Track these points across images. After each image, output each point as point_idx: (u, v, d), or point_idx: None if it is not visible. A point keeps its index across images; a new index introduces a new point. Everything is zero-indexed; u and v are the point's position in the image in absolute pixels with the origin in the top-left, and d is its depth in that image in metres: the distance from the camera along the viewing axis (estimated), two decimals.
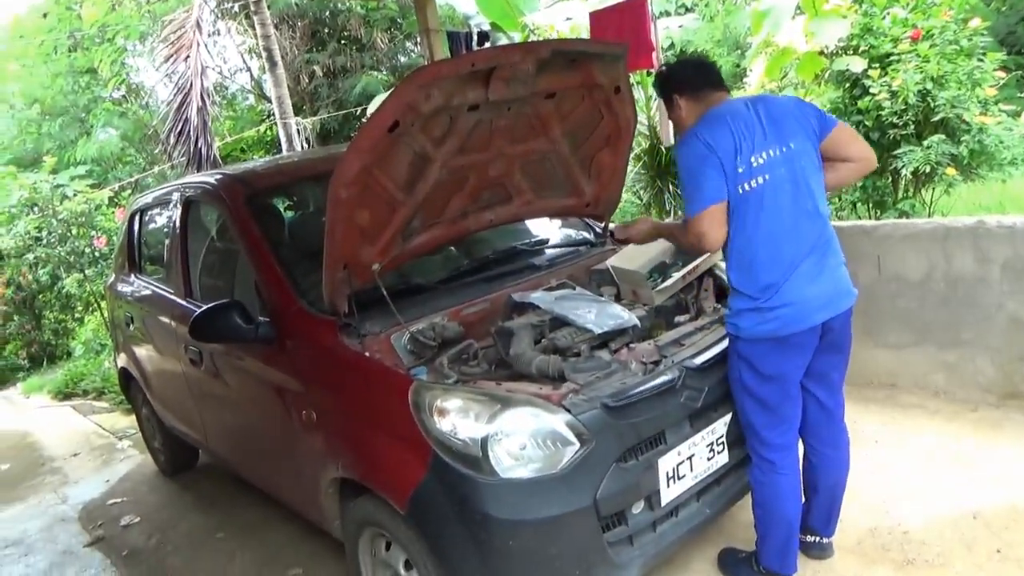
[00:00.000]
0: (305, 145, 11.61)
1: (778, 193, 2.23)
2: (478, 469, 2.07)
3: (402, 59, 14.80)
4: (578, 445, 2.12)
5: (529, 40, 7.87)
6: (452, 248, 3.32)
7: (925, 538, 2.72)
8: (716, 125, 2.26)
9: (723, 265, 2.99)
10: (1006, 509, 2.79)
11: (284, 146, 9.90)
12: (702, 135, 2.24)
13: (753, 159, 2.22)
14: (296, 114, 11.67)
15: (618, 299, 2.90)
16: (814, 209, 2.27)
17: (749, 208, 2.23)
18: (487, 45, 6.11)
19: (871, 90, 5.47)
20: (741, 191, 2.22)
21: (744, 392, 2.38)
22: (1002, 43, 13.08)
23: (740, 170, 2.21)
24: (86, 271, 8.82)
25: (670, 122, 2.59)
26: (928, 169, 5.32)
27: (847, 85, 5.81)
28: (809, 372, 2.39)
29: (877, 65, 5.59)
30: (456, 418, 2.14)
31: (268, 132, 14.85)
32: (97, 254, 8.77)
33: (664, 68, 2.53)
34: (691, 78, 2.41)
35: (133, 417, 5.38)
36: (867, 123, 5.58)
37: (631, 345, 2.52)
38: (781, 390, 2.34)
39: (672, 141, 5.18)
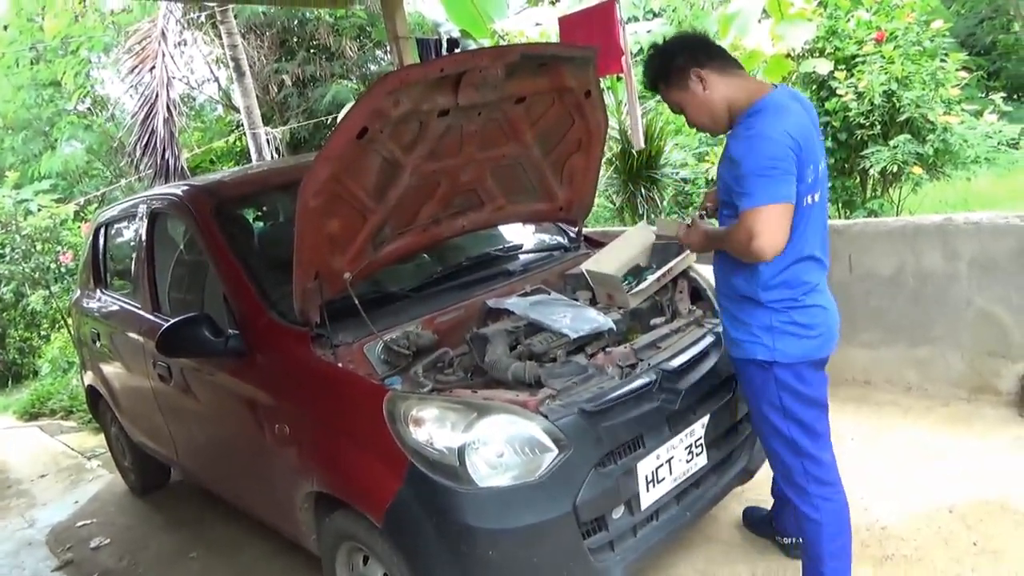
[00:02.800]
0: (275, 155, 11.50)
1: (821, 212, 2.09)
2: (455, 479, 2.04)
3: (372, 67, 14.72)
4: (556, 451, 2.10)
5: (499, 46, 7.88)
6: (425, 255, 3.28)
7: (903, 533, 2.73)
8: (794, 114, 1.97)
9: (699, 268, 3.01)
10: (980, 502, 2.82)
11: (254, 156, 9.79)
12: (788, 130, 1.91)
13: (820, 168, 2.05)
14: (266, 124, 11.56)
15: (593, 303, 2.89)
16: (828, 236, 2.19)
17: (804, 223, 2.02)
18: (457, 51, 6.08)
19: (838, 91, 5.56)
20: (806, 203, 2.00)
21: (788, 421, 2.17)
22: (963, 44, 13.38)
23: (810, 180, 1.99)
24: (52, 287, 8.63)
25: (640, 125, 2.48)
26: (895, 168, 5.42)
27: (814, 87, 5.90)
28: None
29: (843, 67, 5.68)
30: (432, 427, 2.11)
31: (237, 143, 14.68)
32: (63, 270, 8.59)
33: (666, 42, 2.14)
34: (711, 47, 2.09)
35: (102, 436, 5.26)
36: (835, 124, 5.67)
37: (607, 349, 2.51)
38: (820, 409, 2.21)
39: (641, 144, 5.20)
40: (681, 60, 2.07)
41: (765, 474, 2.79)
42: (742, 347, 2.17)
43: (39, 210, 9.15)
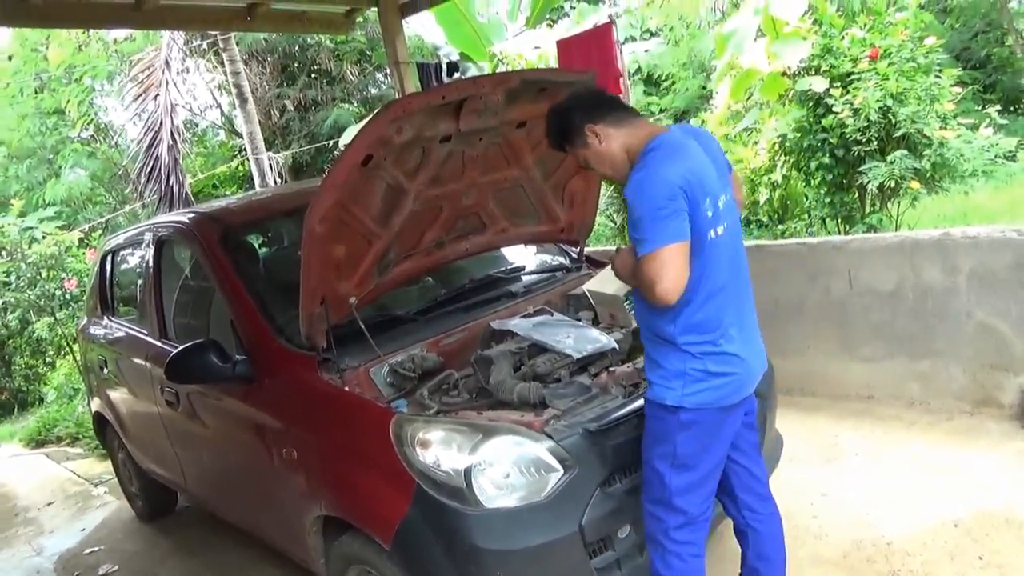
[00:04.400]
0: (278, 179, 11.60)
1: (731, 244, 2.06)
2: (462, 500, 2.06)
3: (373, 90, 14.89)
4: (561, 471, 2.12)
5: (498, 69, 7.98)
6: (429, 278, 3.32)
7: (909, 548, 2.74)
8: (683, 155, 1.98)
9: None
10: (986, 516, 2.83)
11: (257, 181, 9.88)
12: (670, 172, 1.93)
13: (718, 202, 2.01)
14: (268, 148, 11.68)
15: (596, 323, 2.92)
16: (745, 263, 2.16)
17: (707, 264, 1.99)
18: (456, 75, 6.17)
19: (834, 108, 5.61)
20: (710, 237, 1.98)
21: (671, 466, 2.08)
22: (957, 58, 13.49)
23: (710, 214, 1.98)
24: (57, 314, 8.67)
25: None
26: (893, 183, 5.45)
27: (811, 104, 5.95)
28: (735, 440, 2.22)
29: (839, 84, 5.73)
30: (439, 449, 2.13)
31: (240, 168, 14.82)
32: (68, 296, 8.63)
33: (558, 105, 2.19)
34: (601, 102, 2.13)
35: (109, 462, 5.27)
36: (832, 140, 5.72)
37: (610, 369, 2.53)
38: (715, 462, 2.13)
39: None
40: (576, 120, 2.10)
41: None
42: (653, 389, 2.09)
43: (44, 237, 9.22)
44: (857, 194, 6.04)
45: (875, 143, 5.54)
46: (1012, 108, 13.37)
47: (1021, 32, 13.92)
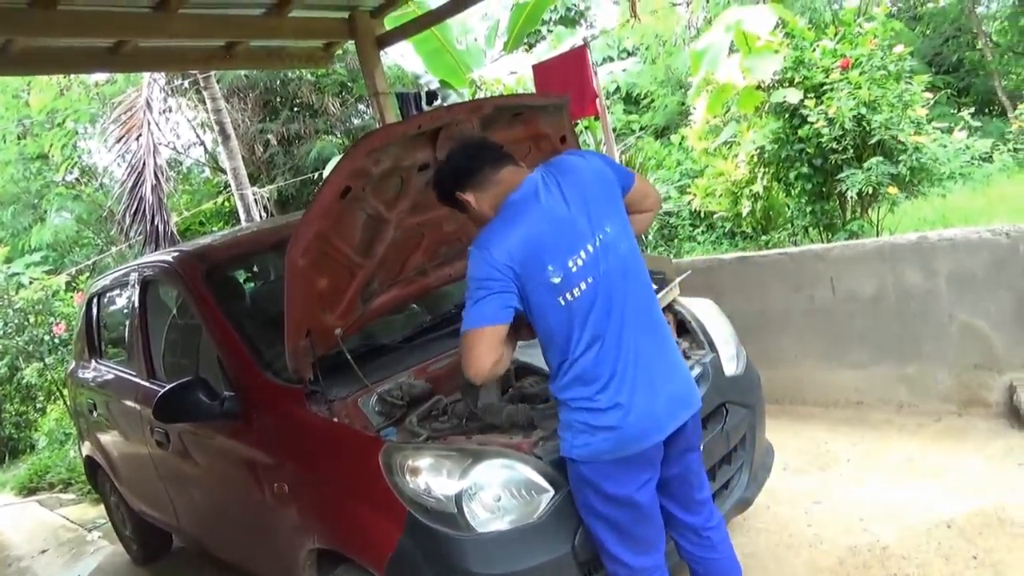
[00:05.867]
0: (264, 214, 11.61)
1: (607, 292, 1.95)
2: (454, 526, 2.06)
3: (356, 121, 14.97)
4: (552, 491, 2.12)
5: (477, 95, 8.06)
6: (415, 305, 3.33)
7: (904, 552, 2.75)
8: (519, 221, 1.94)
9: (685, 301, 3.07)
10: (977, 515, 2.84)
11: (242, 216, 9.88)
12: (496, 250, 1.91)
13: (571, 263, 1.92)
14: (253, 183, 11.70)
15: None
16: (647, 300, 2.07)
17: (575, 319, 1.93)
18: (436, 103, 6.22)
19: (809, 119, 5.70)
20: (564, 302, 1.92)
21: (592, 516, 2.05)
22: (930, 64, 13.72)
23: (556, 281, 1.91)
24: (46, 359, 8.62)
25: (618, 161, 2.48)
26: (871, 190, 5.52)
27: (786, 116, 6.04)
28: (666, 479, 2.13)
29: (812, 95, 5.84)
30: (428, 476, 2.14)
31: (226, 204, 14.82)
32: (57, 341, 8.59)
33: (436, 172, 2.20)
34: (466, 167, 2.10)
35: (102, 507, 5.22)
36: (809, 150, 5.80)
37: None
38: (633, 510, 2.03)
39: None
40: (448, 188, 2.13)
41: (762, 501, 2.82)
42: (558, 442, 2.08)
43: (31, 283, 9.20)
44: (837, 202, 6.13)
45: (851, 151, 5.64)
46: (986, 110, 13.59)
47: (990, 35, 14.20)
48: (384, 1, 5.35)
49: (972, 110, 10.09)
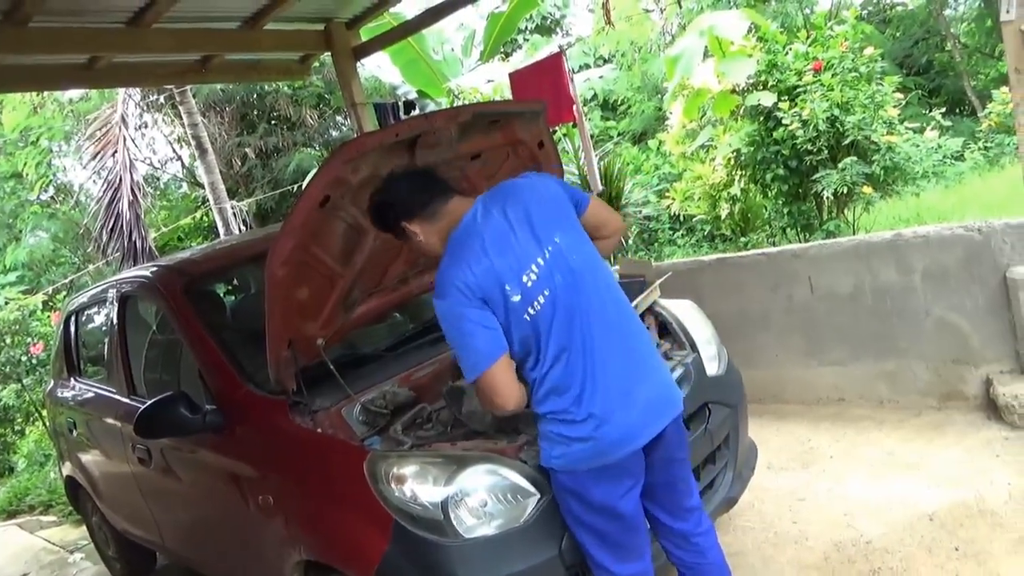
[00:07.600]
0: (243, 227, 11.54)
1: (567, 304, 1.94)
2: (441, 533, 2.06)
3: (334, 133, 14.95)
4: (538, 495, 2.13)
5: (454, 103, 8.09)
6: (396, 314, 3.33)
7: (887, 545, 2.78)
8: (466, 255, 1.94)
9: (665, 303, 3.09)
10: (958, 507, 2.88)
11: (221, 230, 9.84)
12: (455, 279, 1.92)
13: (525, 278, 1.92)
14: (232, 197, 11.64)
15: None
16: (613, 304, 2.02)
17: (540, 332, 1.93)
18: (414, 112, 6.23)
19: (784, 121, 5.78)
20: (528, 317, 1.92)
21: (576, 524, 2.06)
22: (901, 66, 13.94)
23: (516, 299, 1.91)
24: (24, 380, 8.49)
25: (597, 167, 2.46)
26: (846, 190, 5.60)
27: (761, 118, 6.12)
28: (652, 485, 2.12)
29: (786, 97, 5.92)
30: (414, 484, 2.13)
31: (204, 218, 14.72)
32: (34, 361, 8.47)
33: (376, 199, 2.16)
34: (411, 197, 2.08)
35: (84, 528, 5.14)
36: (784, 152, 5.88)
37: None
38: (615, 518, 2.03)
39: (600, 187, 5.36)
40: (391, 218, 2.12)
41: (747, 500, 2.84)
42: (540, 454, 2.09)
43: (7, 303, 9.07)
44: (814, 202, 6.21)
45: (826, 152, 5.72)
46: (956, 110, 13.81)
47: (958, 37, 14.46)
48: (360, 12, 5.36)
49: (943, 110, 10.25)
